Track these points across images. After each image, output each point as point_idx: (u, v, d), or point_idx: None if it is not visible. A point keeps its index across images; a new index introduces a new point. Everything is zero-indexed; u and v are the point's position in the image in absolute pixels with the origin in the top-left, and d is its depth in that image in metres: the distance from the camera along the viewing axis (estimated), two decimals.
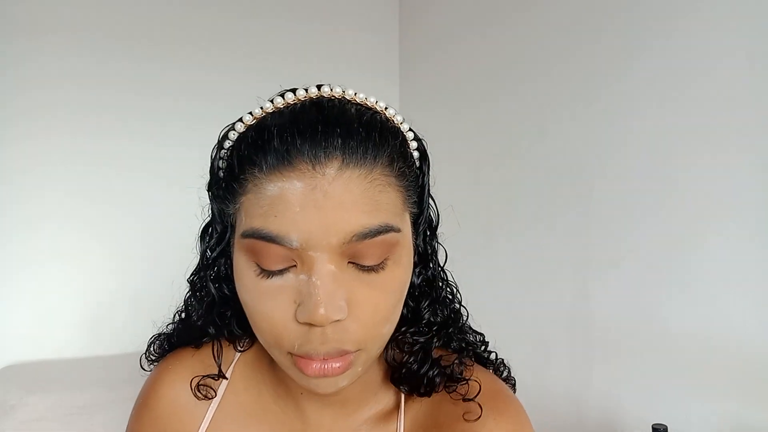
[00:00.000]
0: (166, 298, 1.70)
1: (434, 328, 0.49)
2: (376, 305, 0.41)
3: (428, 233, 0.50)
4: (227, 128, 0.46)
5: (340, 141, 0.39)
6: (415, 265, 0.48)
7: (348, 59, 1.87)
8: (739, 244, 0.94)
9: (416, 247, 0.47)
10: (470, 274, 0.66)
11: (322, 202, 0.38)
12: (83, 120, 1.47)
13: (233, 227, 0.44)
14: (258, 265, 0.41)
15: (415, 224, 0.46)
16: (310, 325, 0.39)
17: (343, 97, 0.45)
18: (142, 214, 1.53)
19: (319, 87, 0.45)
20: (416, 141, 0.47)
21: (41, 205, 1.42)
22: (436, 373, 0.48)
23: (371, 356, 0.44)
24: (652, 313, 1.07)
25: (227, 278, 0.50)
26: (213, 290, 0.50)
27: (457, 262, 0.59)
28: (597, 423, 1.16)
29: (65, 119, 1.45)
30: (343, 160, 0.38)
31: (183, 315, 0.56)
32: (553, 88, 1.32)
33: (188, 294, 0.55)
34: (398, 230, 0.41)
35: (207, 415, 0.50)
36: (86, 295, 1.46)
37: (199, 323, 0.52)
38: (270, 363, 0.51)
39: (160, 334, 0.59)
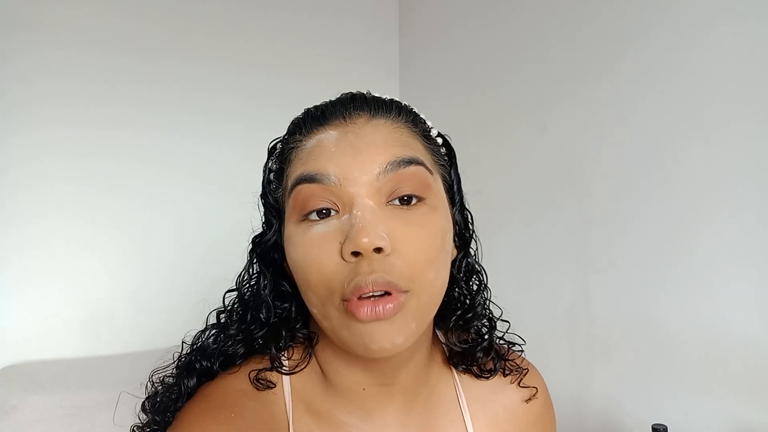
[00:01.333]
0: (166, 298, 1.71)
1: (486, 319, 0.54)
2: (418, 241, 0.42)
3: (466, 224, 0.54)
4: (275, 141, 0.51)
5: (366, 104, 0.46)
6: (460, 249, 0.53)
7: (348, 52, 1.87)
8: (739, 244, 0.94)
9: (456, 225, 0.51)
10: None
11: (355, 141, 0.43)
12: (83, 114, 1.46)
13: (283, 215, 0.48)
14: (304, 217, 0.44)
15: (451, 201, 0.51)
16: (357, 256, 0.41)
17: (372, 94, 0.51)
18: (143, 214, 1.53)
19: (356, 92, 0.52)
20: (441, 137, 0.52)
21: (42, 205, 1.42)
22: (497, 361, 0.53)
23: (421, 305, 0.43)
24: (653, 313, 1.07)
25: (283, 275, 0.51)
26: (270, 280, 0.50)
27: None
28: (597, 423, 1.16)
29: (65, 111, 1.44)
30: (370, 113, 0.45)
31: (216, 336, 0.52)
32: (552, 84, 1.32)
33: (231, 305, 0.53)
34: (429, 170, 0.45)
35: None
36: (86, 295, 1.46)
37: (256, 331, 0.49)
38: (322, 376, 0.49)
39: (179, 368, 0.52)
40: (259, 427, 0.44)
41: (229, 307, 0.53)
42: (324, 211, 0.43)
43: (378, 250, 0.40)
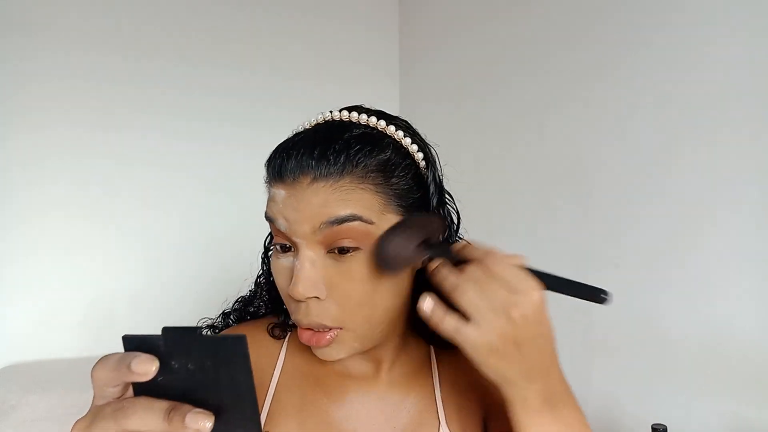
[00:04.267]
0: (166, 298, 1.71)
1: None
2: (350, 290, 0.50)
3: (445, 230, 0.59)
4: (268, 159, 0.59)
5: (314, 162, 0.50)
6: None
7: (348, 55, 1.87)
8: (739, 244, 0.94)
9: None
10: None
11: (296, 204, 0.50)
12: (83, 116, 1.46)
13: None
14: (275, 244, 0.54)
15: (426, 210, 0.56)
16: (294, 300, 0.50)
17: (349, 119, 0.55)
18: (143, 215, 1.53)
19: (341, 110, 0.56)
20: (422, 152, 0.57)
21: (42, 205, 1.42)
22: None
23: (360, 335, 0.53)
24: (652, 313, 1.07)
25: None
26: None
27: None
28: (597, 423, 1.16)
29: (65, 113, 1.44)
30: (313, 177, 0.50)
31: (249, 293, 0.68)
32: (553, 85, 1.32)
33: (259, 272, 0.67)
34: (369, 222, 0.50)
35: (273, 378, 0.59)
36: (87, 295, 1.46)
37: (262, 298, 0.65)
38: None
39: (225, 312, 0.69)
40: (263, 345, 0.61)
41: (256, 281, 0.67)
42: (287, 246, 0.52)
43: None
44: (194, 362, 0.34)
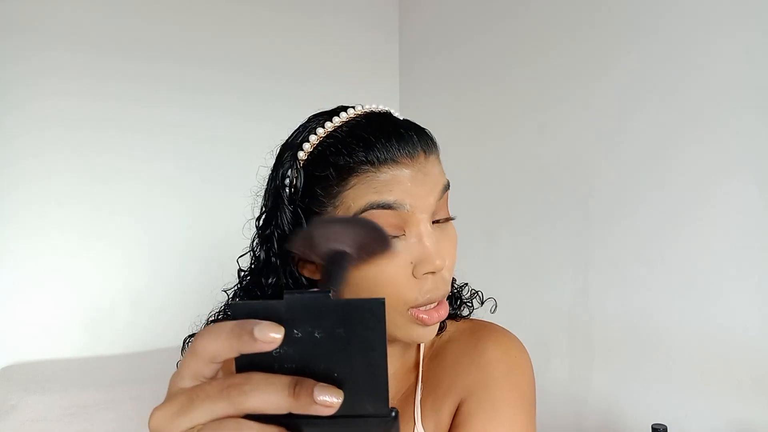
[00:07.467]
0: (166, 298, 1.71)
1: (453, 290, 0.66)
2: (453, 255, 0.55)
3: None
4: (293, 151, 0.57)
5: (419, 141, 0.55)
6: None
7: (348, 52, 1.88)
8: (740, 245, 0.94)
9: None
10: (469, 274, 0.66)
11: (422, 178, 0.53)
12: (86, 112, 1.46)
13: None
14: None
15: None
16: (431, 274, 0.52)
17: (387, 110, 0.59)
18: (143, 215, 1.53)
19: (362, 106, 0.58)
20: None
21: (42, 204, 1.42)
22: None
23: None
24: (652, 313, 1.07)
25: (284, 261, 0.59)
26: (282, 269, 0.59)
27: (457, 260, 0.61)
28: (596, 423, 1.16)
29: (65, 110, 1.44)
30: (425, 153, 0.55)
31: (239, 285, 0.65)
32: (552, 84, 1.32)
33: (252, 262, 0.64)
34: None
35: None
36: (86, 295, 1.46)
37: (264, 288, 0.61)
38: None
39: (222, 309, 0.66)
40: None
41: (240, 281, 0.64)
42: (394, 237, 0.53)
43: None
44: (322, 329, 0.29)
